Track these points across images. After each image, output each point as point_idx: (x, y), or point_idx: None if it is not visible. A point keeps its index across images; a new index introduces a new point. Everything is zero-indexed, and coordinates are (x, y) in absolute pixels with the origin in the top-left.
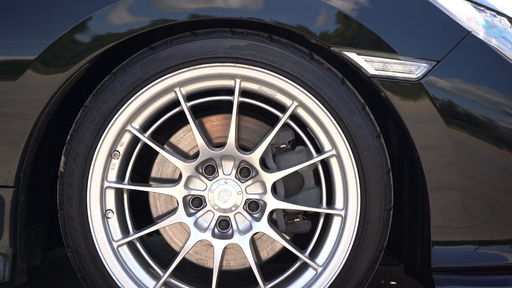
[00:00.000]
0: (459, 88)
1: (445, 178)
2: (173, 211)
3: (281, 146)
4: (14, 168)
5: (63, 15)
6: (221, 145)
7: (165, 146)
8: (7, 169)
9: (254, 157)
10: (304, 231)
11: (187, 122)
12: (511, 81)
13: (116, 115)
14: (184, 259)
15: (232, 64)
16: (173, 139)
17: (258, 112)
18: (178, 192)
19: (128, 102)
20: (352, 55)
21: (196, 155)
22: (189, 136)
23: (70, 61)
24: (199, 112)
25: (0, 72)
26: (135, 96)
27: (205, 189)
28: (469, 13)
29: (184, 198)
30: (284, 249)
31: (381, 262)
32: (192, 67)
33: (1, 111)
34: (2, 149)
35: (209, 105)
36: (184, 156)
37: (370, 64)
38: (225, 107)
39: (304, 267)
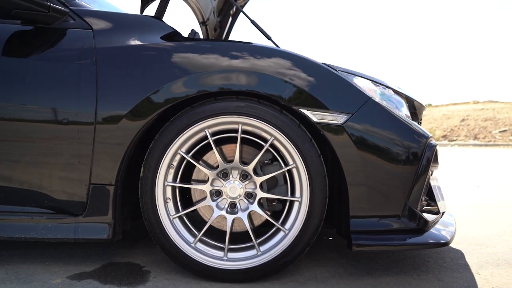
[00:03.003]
0: (365, 128)
1: (357, 179)
2: (204, 198)
3: (265, 161)
4: (115, 173)
5: (145, 85)
6: (231, 161)
7: (200, 161)
8: (112, 174)
9: (250, 168)
10: (278, 210)
11: (212, 148)
12: (393, 124)
13: (172, 144)
14: (210, 226)
15: (237, 116)
16: (205, 157)
17: (252, 142)
18: (207, 188)
19: (179, 137)
20: (304, 111)
21: (217, 167)
22: (213, 156)
23: (148, 113)
24: (219, 142)
25: (106, 119)
26: (183, 134)
27: (222, 186)
28: (370, 87)
29: (210, 191)
30: (267, 220)
31: (322, 227)
32: (214, 118)
33: (109, 140)
34: (108, 162)
35: (225, 138)
36: (210, 167)
37: (314, 116)
38: (234, 140)
39: (278, 230)
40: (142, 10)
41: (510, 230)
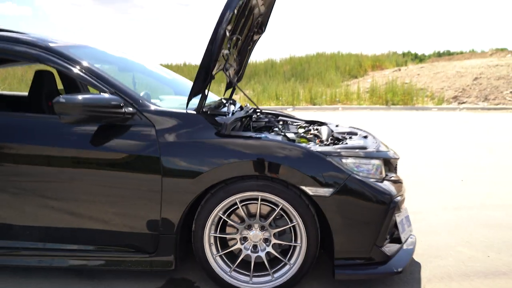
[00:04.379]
0: (346, 197)
1: (339, 230)
2: (236, 243)
3: (277, 217)
4: (175, 226)
5: (196, 169)
6: (254, 215)
7: (231, 217)
8: (173, 227)
9: (266, 223)
10: (286, 249)
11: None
12: (366, 190)
13: (213, 210)
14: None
15: (257, 192)
16: (234, 213)
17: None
18: (237, 236)
19: (217, 206)
20: (303, 187)
21: (244, 221)
22: (241, 213)
23: (198, 189)
24: (244, 200)
25: (168, 190)
26: (220, 203)
27: (247, 234)
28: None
29: (240, 238)
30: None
31: (318, 256)
32: (242, 193)
33: (171, 207)
34: (171, 219)
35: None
36: (241, 220)
37: (310, 191)
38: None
39: (285, 264)
40: (189, 99)
41: (466, 240)
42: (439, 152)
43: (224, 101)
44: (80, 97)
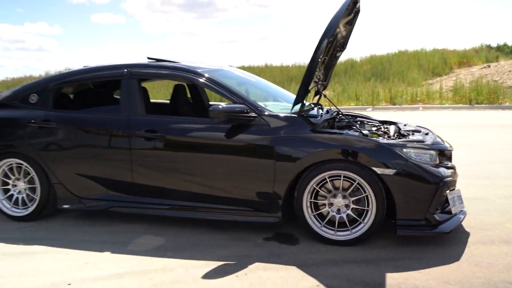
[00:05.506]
0: (406, 175)
1: (400, 199)
2: (325, 206)
3: (354, 190)
4: (283, 193)
5: (300, 154)
6: (338, 188)
7: (322, 188)
8: (281, 194)
9: (347, 193)
10: (360, 212)
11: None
12: (422, 171)
13: (310, 183)
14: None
15: (341, 170)
16: (324, 186)
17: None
18: (326, 201)
19: (312, 180)
20: (374, 168)
21: (330, 191)
22: (328, 185)
23: (301, 166)
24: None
25: (281, 167)
26: (314, 178)
27: (333, 201)
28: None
29: (328, 203)
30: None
31: (385, 217)
32: (330, 171)
33: (281, 177)
34: (280, 187)
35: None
36: (328, 191)
37: (378, 170)
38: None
39: (360, 223)
40: (293, 106)
41: None
42: None
43: (313, 106)
44: (222, 106)
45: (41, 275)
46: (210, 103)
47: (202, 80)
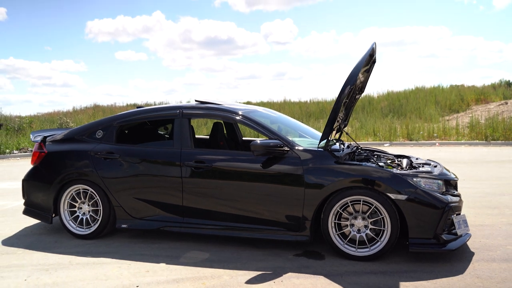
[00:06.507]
0: (416, 201)
1: (412, 221)
2: (347, 227)
3: (372, 213)
4: (311, 215)
5: (326, 182)
6: (358, 211)
7: (344, 211)
8: (310, 215)
9: (366, 216)
10: (378, 232)
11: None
12: (429, 197)
13: (335, 207)
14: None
15: (361, 196)
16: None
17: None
18: (348, 223)
19: (336, 204)
20: (388, 194)
21: (351, 214)
22: (350, 209)
23: (328, 191)
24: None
25: (309, 192)
26: (338, 203)
27: (354, 222)
28: (419, 180)
29: (349, 224)
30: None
31: (399, 237)
32: (352, 196)
33: (310, 201)
34: (309, 210)
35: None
36: (349, 214)
37: (393, 195)
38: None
39: (377, 241)
40: (320, 142)
41: None
42: None
43: (335, 141)
44: (261, 141)
45: (113, 279)
46: (244, 138)
47: (243, 119)
